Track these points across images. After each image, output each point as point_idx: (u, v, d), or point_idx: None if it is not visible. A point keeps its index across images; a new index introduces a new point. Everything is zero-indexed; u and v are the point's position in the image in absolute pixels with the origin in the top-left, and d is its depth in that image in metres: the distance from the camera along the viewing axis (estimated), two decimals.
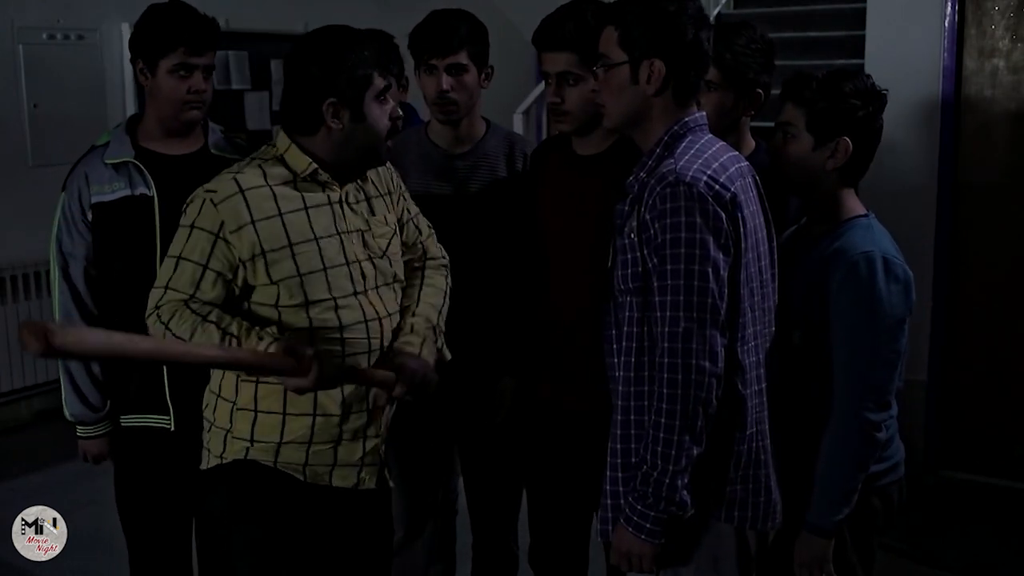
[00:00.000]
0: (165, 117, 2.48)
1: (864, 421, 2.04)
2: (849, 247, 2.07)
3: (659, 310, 1.84)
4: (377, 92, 2.03)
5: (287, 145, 2.06)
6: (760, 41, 2.39)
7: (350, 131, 2.03)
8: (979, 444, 4.30)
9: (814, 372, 2.10)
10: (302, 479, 2.09)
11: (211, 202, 1.98)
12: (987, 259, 4.24)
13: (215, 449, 2.11)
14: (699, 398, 1.81)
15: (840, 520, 2.08)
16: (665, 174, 1.86)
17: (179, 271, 2.00)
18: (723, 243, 1.83)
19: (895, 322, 2.05)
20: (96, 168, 2.48)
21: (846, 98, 2.08)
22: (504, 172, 2.58)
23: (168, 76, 2.43)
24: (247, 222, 1.98)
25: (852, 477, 2.07)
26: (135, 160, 2.47)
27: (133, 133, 2.53)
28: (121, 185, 2.46)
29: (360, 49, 2.01)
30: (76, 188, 2.48)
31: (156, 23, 2.45)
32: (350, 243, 2.08)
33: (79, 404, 2.54)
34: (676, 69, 1.92)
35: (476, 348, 2.56)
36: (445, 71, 2.47)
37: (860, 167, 2.16)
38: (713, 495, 1.92)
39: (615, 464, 1.93)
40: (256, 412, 2.06)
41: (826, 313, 2.07)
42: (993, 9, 4.12)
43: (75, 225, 2.48)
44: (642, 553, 1.89)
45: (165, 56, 2.42)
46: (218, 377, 2.12)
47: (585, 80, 2.26)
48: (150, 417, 2.52)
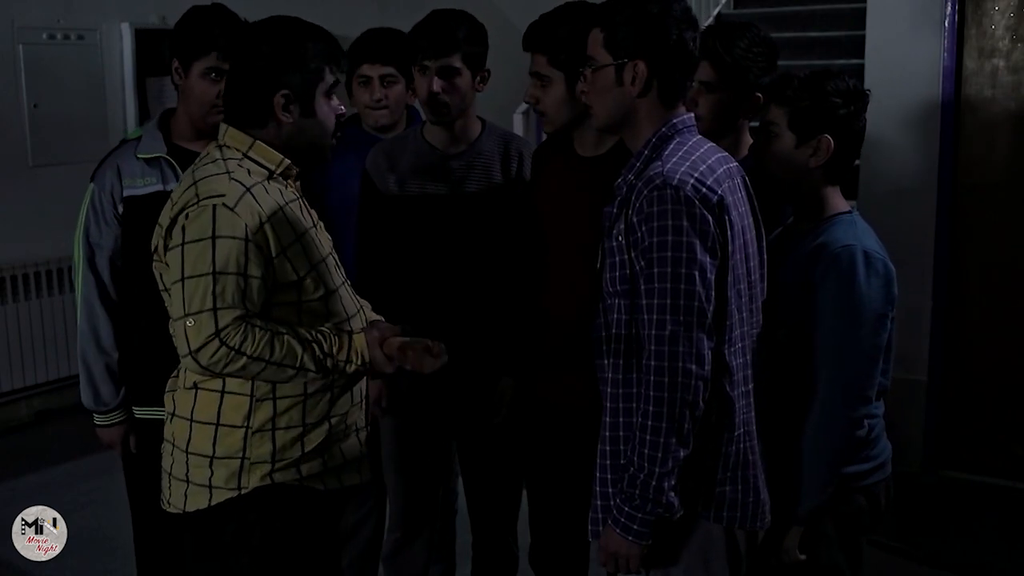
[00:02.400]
0: (194, 117, 2.51)
1: (844, 416, 2.07)
2: (830, 242, 2.09)
3: (646, 313, 1.85)
4: (327, 87, 2.01)
5: (250, 142, 1.99)
6: (763, 44, 2.38)
7: (300, 126, 2.00)
8: (979, 444, 4.30)
9: (799, 369, 2.11)
10: (323, 488, 2.04)
11: (225, 207, 1.87)
12: (987, 259, 4.24)
13: (222, 481, 1.95)
14: (686, 400, 1.82)
15: (809, 512, 2.10)
16: (652, 177, 1.86)
17: (221, 287, 1.84)
18: (710, 246, 1.84)
19: (876, 316, 2.06)
20: (129, 161, 2.51)
21: (827, 96, 2.10)
22: (499, 172, 2.59)
23: (200, 79, 2.45)
24: (265, 219, 1.91)
25: (829, 471, 2.09)
26: (167, 156, 2.50)
27: (166, 129, 2.56)
28: (153, 180, 2.49)
29: (312, 42, 1.99)
30: (108, 181, 2.51)
31: (194, 25, 2.47)
32: (317, 236, 2.06)
33: (92, 394, 2.58)
34: (660, 70, 1.92)
35: (475, 348, 2.57)
36: (437, 73, 2.47)
37: (844, 165, 2.18)
38: (702, 495, 1.93)
39: (604, 465, 1.94)
40: (274, 431, 1.96)
41: (810, 309, 2.09)
42: (993, 9, 4.11)
43: (104, 217, 2.51)
44: (629, 554, 1.90)
45: (199, 58, 2.44)
46: (213, 403, 1.96)
47: (555, 81, 2.31)
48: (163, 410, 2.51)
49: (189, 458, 1.98)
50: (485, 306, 2.57)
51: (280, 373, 1.91)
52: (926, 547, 3.66)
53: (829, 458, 2.09)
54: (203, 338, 1.84)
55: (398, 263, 2.61)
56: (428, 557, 2.84)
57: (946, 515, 4.01)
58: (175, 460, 2.01)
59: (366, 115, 2.92)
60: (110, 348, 2.57)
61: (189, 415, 1.98)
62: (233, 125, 2.02)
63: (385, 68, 2.84)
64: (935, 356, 4.29)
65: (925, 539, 3.72)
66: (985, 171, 4.21)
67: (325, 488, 2.04)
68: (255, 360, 1.86)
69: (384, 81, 2.86)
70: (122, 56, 5.22)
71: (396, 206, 2.59)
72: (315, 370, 1.93)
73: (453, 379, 2.59)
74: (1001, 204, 4.19)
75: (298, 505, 2.00)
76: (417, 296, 2.56)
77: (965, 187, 4.22)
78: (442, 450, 2.79)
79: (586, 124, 2.29)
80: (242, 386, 1.94)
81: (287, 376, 1.92)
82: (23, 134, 4.97)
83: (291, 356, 1.89)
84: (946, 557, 3.61)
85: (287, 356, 1.89)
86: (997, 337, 4.24)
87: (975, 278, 4.26)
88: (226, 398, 1.95)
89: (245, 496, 1.95)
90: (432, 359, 2.02)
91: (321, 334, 1.95)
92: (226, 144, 2.01)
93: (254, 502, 1.96)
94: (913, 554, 3.59)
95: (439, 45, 2.47)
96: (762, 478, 1.99)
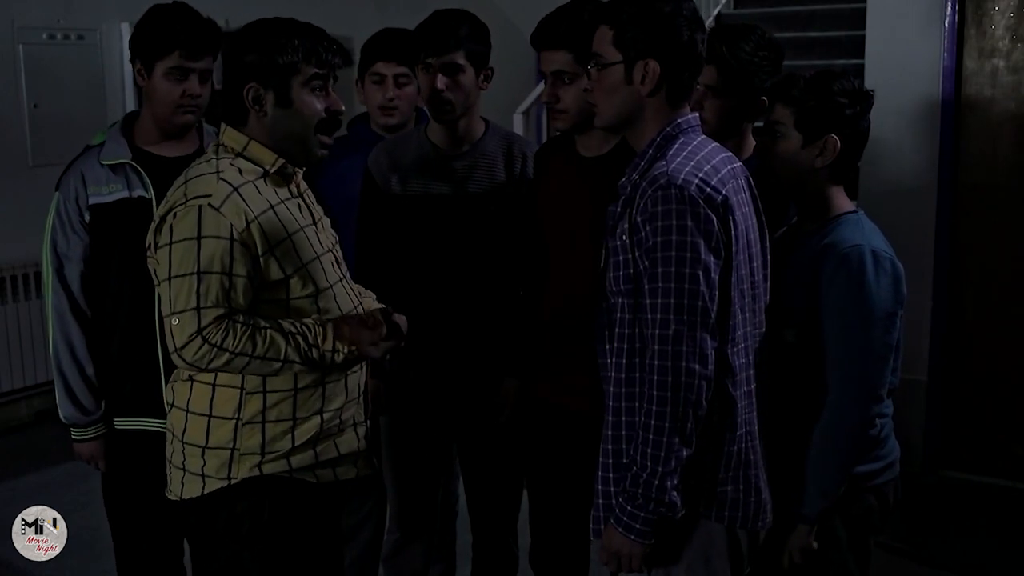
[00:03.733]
0: (160, 119, 2.47)
1: (855, 414, 2.06)
2: (838, 241, 2.09)
3: (650, 312, 1.84)
4: (306, 79, 2.01)
5: (245, 141, 2.02)
6: (768, 47, 2.36)
7: (276, 117, 2.01)
8: (979, 444, 4.30)
9: (808, 369, 2.11)
10: (315, 481, 2.06)
11: (210, 207, 1.90)
12: (987, 259, 4.24)
13: (213, 471, 2.00)
14: (689, 400, 1.81)
15: (820, 511, 2.10)
16: (656, 176, 1.85)
17: (204, 287, 1.89)
18: (714, 246, 1.83)
19: (886, 315, 2.06)
20: (93, 169, 2.46)
21: (834, 96, 2.10)
22: (502, 172, 2.58)
23: (164, 79, 2.41)
24: (252, 219, 1.93)
25: (839, 471, 2.09)
26: (132, 162, 2.46)
27: (129, 133, 2.51)
28: (119, 187, 2.44)
29: (288, 37, 1.99)
30: (72, 189, 2.45)
31: (154, 24, 2.43)
32: (315, 234, 2.08)
33: (72, 407, 2.52)
34: (670, 70, 1.92)
35: (477, 348, 2.57)
36: (440, 70, 2.47)
37: (848, 165, 2.18)
38: (704, 495, 1.93)
39: (607, 464, 1.94)
40: (264, 423, 1.99)
41: (818, 309, 2.09)
42: (993, 9, 4.11)
43: (71, 226, 2.46)
44: (631, 553, 1.90)
45: (161, 58, 2.40)
46: (206, 395, 2.00)
47: (580, 78, 2.27)
48: (145, 420, 2.50)
49: (185, 448, 2.03)
50: (487, 307, 2.57)
51: (265, 367, 1.95)
52: (926, 547, 3.66)
53: (841, 458, 2.08)
54: (186, 336, 1.90)
55: (399, 263, 2.60)
56: (428, 557, 2.84)
57: (946, 515, 4.01)
58: (174, 449, 2.06)
59: (376, 115, 2.92)
60: (84, 359, 2.50)
61: (185, 406, 2.03)
62: (228, 124, 2.05)
63: (399, 68, 2.84)
64: (935, 356, 4.29)
65: (925, 539, 3.72)
66: (985, 171, 4.21)
67: (318, 481, 2.06)
68: (238, 355, 1.91)
69: (397, 81, 2.86)
70: (122, 56, 5.21)
71: (398, 206, 2.59)
72: (300, 362, 1.96)
73: (455, 380, 2.60)
74: (1001, 204, 4.20)
75: (288, 496, 2.03)
76: (418, 297, 2.55)
77: (965, 187, 4.22)
78: (442, 451, 2.78)
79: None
80: (233, 379, 1.98)
81: (274, 369, 1.96)
82: (23, 134, 4.97)
83: (274, 349, 1.93)
84: (946, 557, 3.62)
85: (270, 350, 1.93)
86: (997, 337, 4.24)
87: (975, 278, 4.26)
88: (217, 391, 2.00)
89: (235, 486, 2.00)
90: (368, 332, 2.03)
91: (305, 326, 1.98)
92: (223, 143, 2.04)
93: (243, 492, 2.00)
94: (913, 554, 3.59)
95: (442, 42, 2.46)
96: (763, 478, 1.98)
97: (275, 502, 2.02)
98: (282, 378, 1.99)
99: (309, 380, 2.02)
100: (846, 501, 2.12)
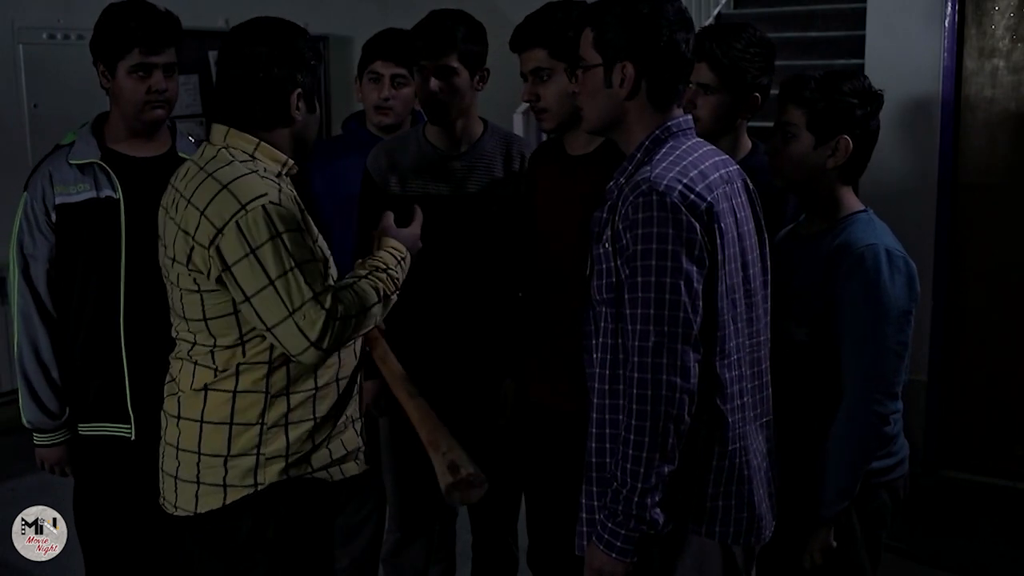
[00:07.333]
0: (129, 118, 2.45)
1: (872, 413, 2.06)
2: (853, 241, 2.09)
3: (630, 323, 1.77)
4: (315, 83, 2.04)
5: (255, 143, 1.98)
6: (759, 44, 2.37)
7: (306, 122, 2.04)
8: (979, 444, 4.30)
9: (821, 369, 2.11)
10: (330, 480, 2.06)
11: (272, 203, 1.88)
12: (987, 259, 4.24)
13: (237, 479, 1.96)
14: (670, 415, 1.74)
15: (839, 511, 2.10)
16: (639, 182, 1.80)
17: (309, 275, 1.86)
18: (697, 255, 1.76)
19: (901, 313, 2.07)
20: (61, 168, 2.43)
21: (845, 97, 2.10)
22: (501, 173, 2.58)
23: (127, 78, 2.40)
24: (301, 209, 1.98)
25: (857, 469, 2.09)
26: (101, 162, 2.44)
27: (99, 133, 2.49)
28: (86, 187, 2.42)
29: (302, 40, 2.00)
30: (40, 188, 2.43)
31: (111, 24, 2.40)
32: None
33: (36, 411, 2.48)
34: (649, 72, 1.87)
35: (476, 350, 2.57)
36: (434, 73, 2.46)
37: (859, 165, 2.19)
38: (693, 510, 1.88)
39: (590, 478, 1.89)
40: (287, 425, 1.97)
41: (831, 309, 2.09)
42: (993, 9, 4.12)
43: (38, 226, 2.43)
44: (614, 571, 1.83)
45: (122, 58, 2.38)
46: (226, 403, 1.96)
47: (557, 74, 2.28)
48: (110, 426, 2.48)
49: (201, 459, 1.97)
50: (486, 308, 2.57)
51: (375, 313, 1.97)
52: (926, 547, 3.66)
53: (858, 456, 2.09)
54: (318, 327, 1.85)
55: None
56: (428, 557, 2.84)
57: (946, 515, 4.01)
58: (182, 462, 2.00)
59: (371, 114, 2.92)
60: (50, 361, 2.47)
61: (199, 417, 1.98)
62: (235, 127, 1.99)
63: (397, 68, 2.84)
64: (935, 356, 4.29)
65: (925, 539, 3.72)
66: (985, 171, 4.22)
67: (331, 479, 2.07)
68: (355, 316, 1.91)
69: (394, 81, 2.85)
70: None
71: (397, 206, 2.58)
72: (393, 291, 2.02)
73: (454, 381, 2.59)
74: (1001, 204, 4.20)
75: (310, 497, 2.03)
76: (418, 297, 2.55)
77: (965, 187, 4.22)
78: None
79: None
80: (256, 383, 1.96)
81: (376, 313, 1.98)
82: (23, 134, 4.96)
83: (371, 293, 1.96)
84: (946, 557, 3.62)
85: (368, 296, 1.95)
86: (997, 337, 4.24)
87: (975, 278, 4.27)
88: (239, 397, 1.95)
89: (262, 492, 1.96)
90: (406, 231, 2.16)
91: (364, 265, 2.02)
92: (230, 146, 1.99)
93: (270, 497, 1.97)
94: (913, 554, 3.59)
95: (436, 45, 2.46)
96: (760, 493, 1.93)
97: (299, 504, 2.01)
98: (304, 379, 1.98)
99: (326, 379, 2.02)
100: (861, 498, 2.13)
